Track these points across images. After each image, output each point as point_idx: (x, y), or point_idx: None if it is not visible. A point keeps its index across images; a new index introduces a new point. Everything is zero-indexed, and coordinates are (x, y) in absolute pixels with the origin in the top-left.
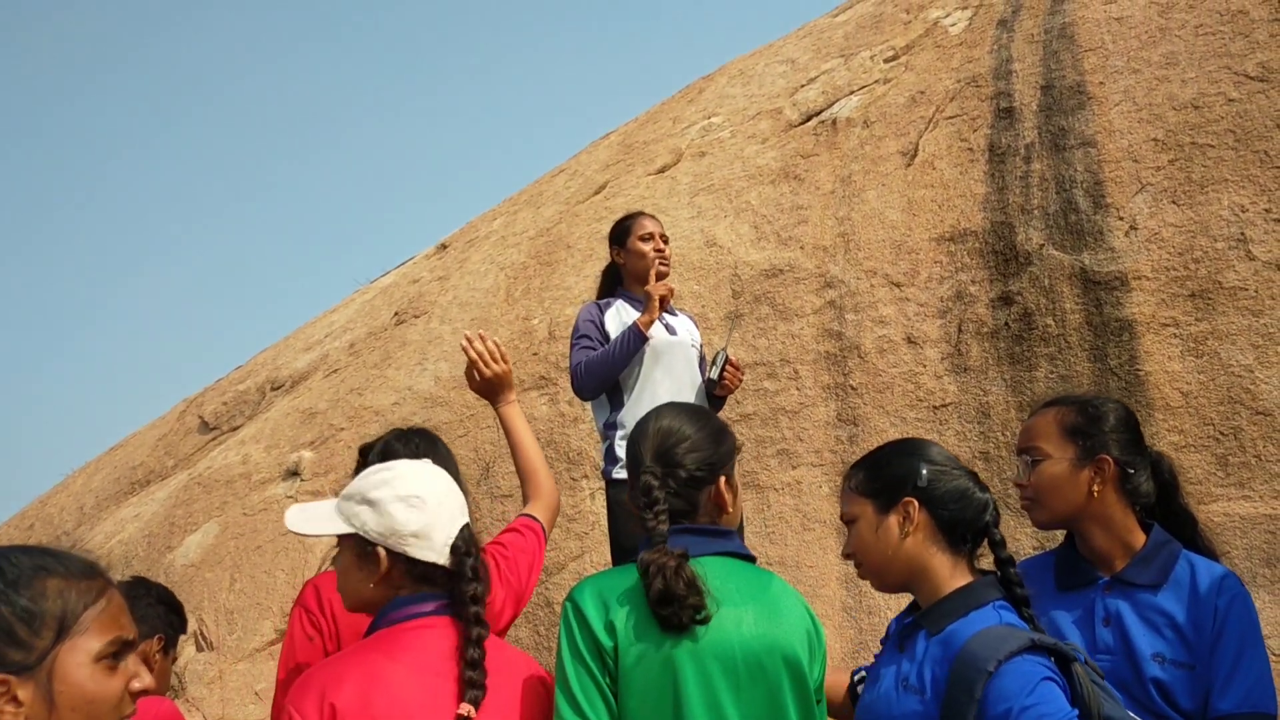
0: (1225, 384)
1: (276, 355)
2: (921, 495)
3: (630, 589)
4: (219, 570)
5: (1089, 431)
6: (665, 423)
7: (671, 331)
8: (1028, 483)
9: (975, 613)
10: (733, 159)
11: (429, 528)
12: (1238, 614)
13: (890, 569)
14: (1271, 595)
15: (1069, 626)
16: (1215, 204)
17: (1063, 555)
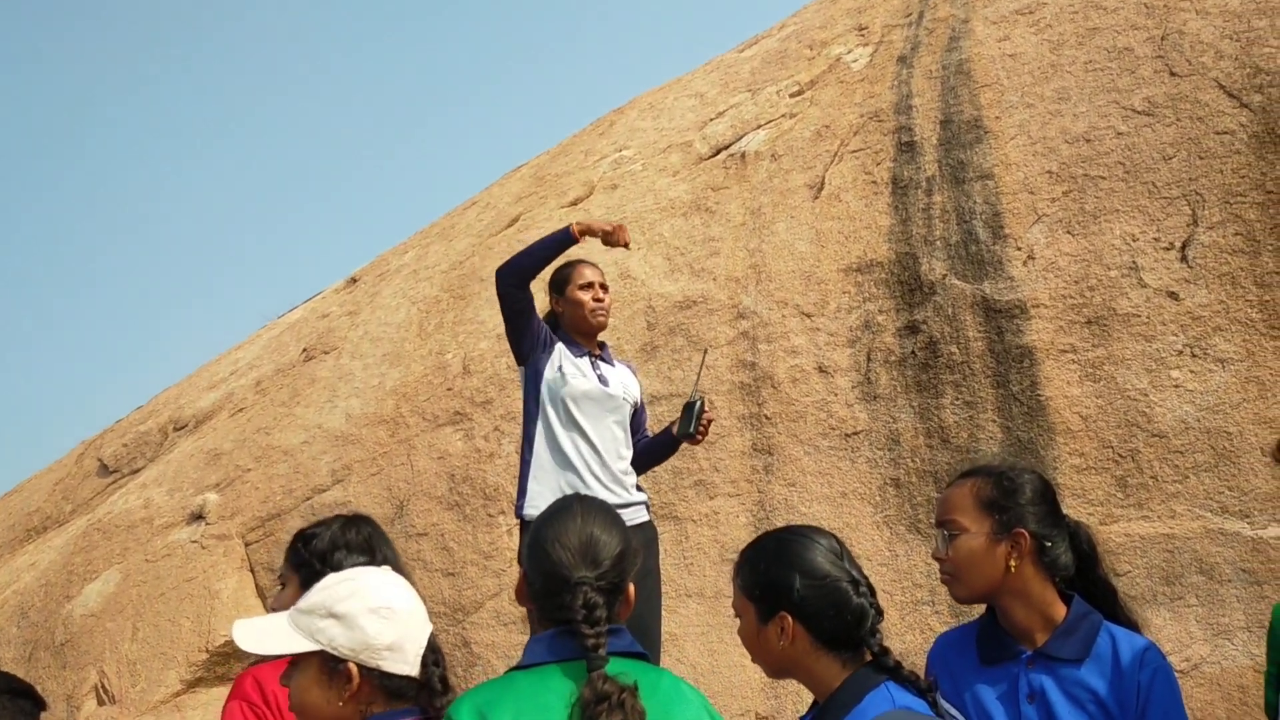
0: (1122, 408)
1: (179, 394)
2: (795, 611)
3: (512, 698)
4: (120, 619)
5: (1005, 505)
6: (591, 529)
7: (604, 382)
8: (945, 557)
9: (867, 698)
10: (645, 192)
11: (402, 639)
12: (1160, 688)
13: (776, 669)
14: (1171, 612)
15: (993, 703)
16: (1108, 233)
17: (985, 628)
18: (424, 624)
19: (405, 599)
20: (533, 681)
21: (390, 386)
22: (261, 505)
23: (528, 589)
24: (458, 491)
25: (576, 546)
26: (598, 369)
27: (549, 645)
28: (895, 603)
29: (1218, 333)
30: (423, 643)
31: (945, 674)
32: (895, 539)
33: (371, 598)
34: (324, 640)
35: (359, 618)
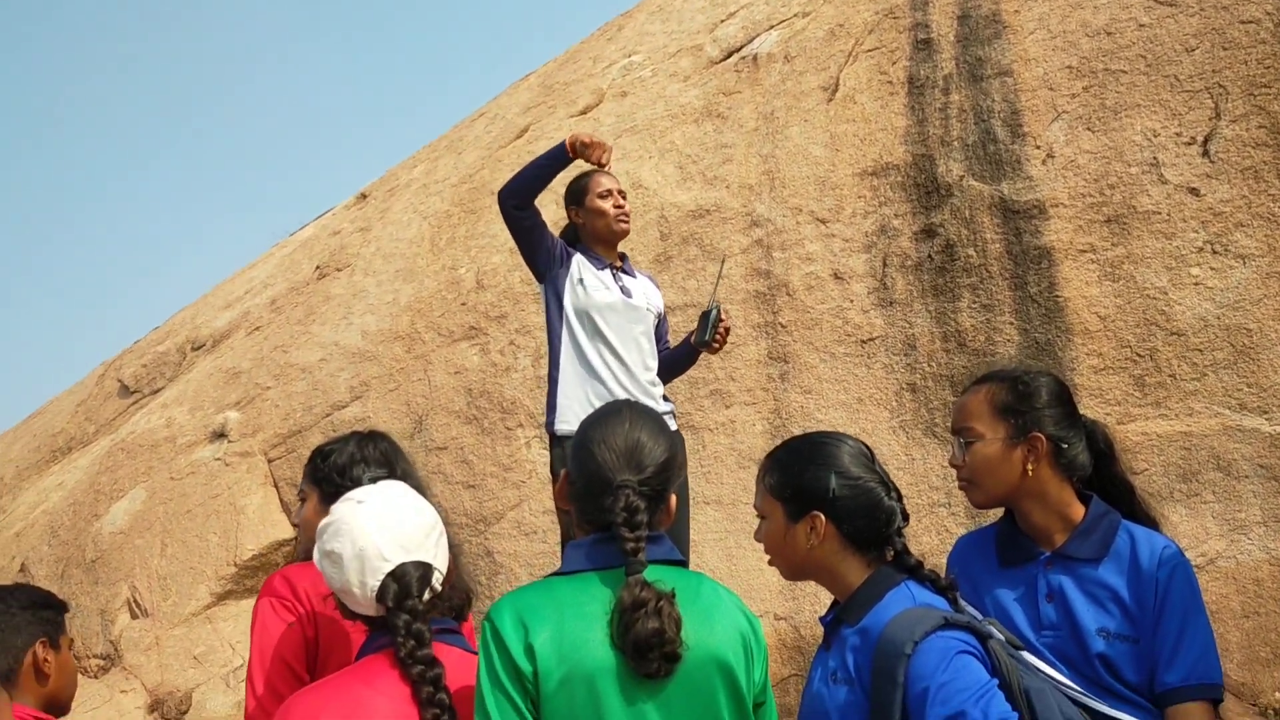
0: (1141, 307)
1: (195, 314)
2: (829, 510)
3: (553, 606)
4: (149, 536)
5: (1020, 409)
6: (639, 435)
7: (627, 294)
8: (962, 464)
9: (889, 595)
10: (655, 98)
11: (348, 584)
12: (1179, 585)
13: (798, 570)
14: (1188, 509)
15: (1012, 604)
16: (1129, 129)
17: (1003, 531)
18: (377, 565)
19: (355, 543)
20: (573, 588)
21: (405, 303)
22: (282, 422)
23: (569, 489)
24: (475, 406)
25: (622, 449)
26: (620, 280)
27: (588, 552)
28: (912, 506)
29: (1239, 228)
30: (372, 585)
31: (964, 577)
32: (912, 443)
33: (327, 541)
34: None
35: (321, 560)
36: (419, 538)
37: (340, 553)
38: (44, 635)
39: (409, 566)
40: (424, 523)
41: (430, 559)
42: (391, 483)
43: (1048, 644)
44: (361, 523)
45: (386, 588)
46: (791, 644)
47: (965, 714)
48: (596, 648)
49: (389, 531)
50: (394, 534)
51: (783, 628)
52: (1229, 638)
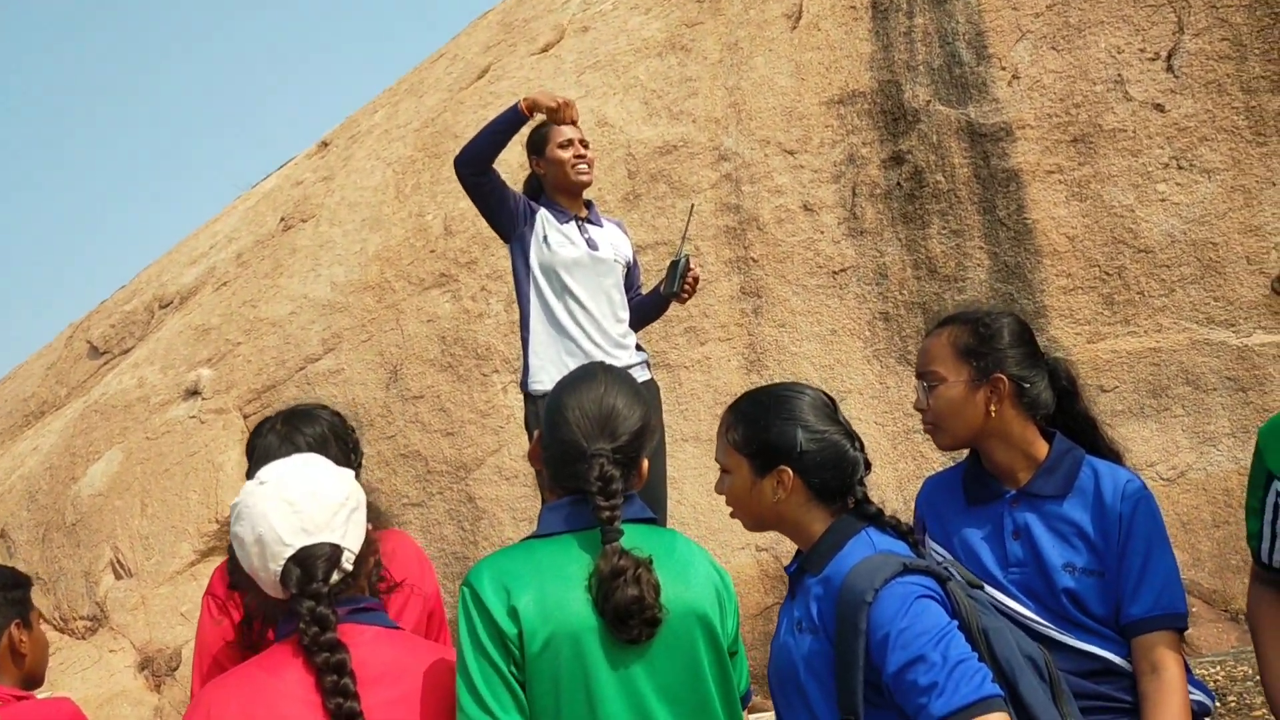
0: (1108, 225)
1: (161, 271)
2: (796, 464)
3: (532, 569)
4: (128, 497)
5: (982, 351)
6: (614, 401)
7: (593, 246)
8: (927, 408)
9: (850, 544)
10: (617, 32)
11: (253, 569)
12: (1143, 518)
13: (761, 522)
14: (1158, 424)
15: (979, 542)
16: (1093, 47)
17: (969, 471)
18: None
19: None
20: (552, 551)
21: (373, 252)
22: (256, 377)
23: (542, 453)
24: (450, 353)
25: (596, 416)
26: (585, 232)
27: (566, 516)
28: (887, 432)
29: (1204, 143)
30: (275, 570)
31: (933, 516)
32: (886, 371)
33: (234, 523)
34: None
35: (232, 542)
36: (324, 518)
37: (243, 537)
38: (17, 617)
39: (314, 549)
40: (331, 501)
41: (339, 539)
42: (303, 457)
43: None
44: (262, 505)
45: (289, 572)
46: (774, 574)
47: (925, 657)
48: (579, 608)
49: (290, 514)
50: (295, 516)
51: (765, 559)
52: (1201, 547)
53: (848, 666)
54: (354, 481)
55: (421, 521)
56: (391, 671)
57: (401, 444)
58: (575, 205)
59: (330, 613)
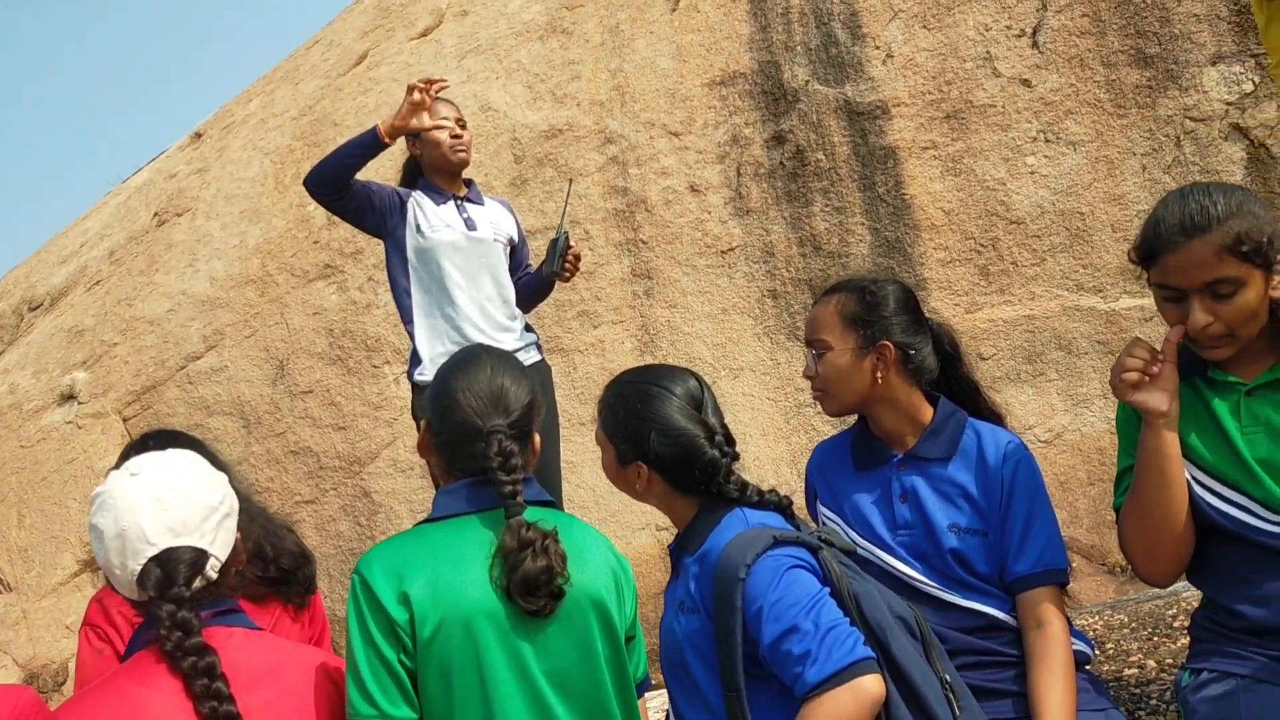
0: (982, 199)
1: (30, 272)
2: (651, 462)
3: (426, 553)
4: (3, 509)
5: (868, 319)
6: (501, 380)
7: (471, 226)
8: (815, 374)
9: (724, 520)
10: (497, 17)
11: (108, 564)
12: (1024, 479)
13: (640, 501)
14: (1035, 388)
15: (869, 506)
16: (962, 25)
17: (857, 436)
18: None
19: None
20: (446, 533)
21: (253, 245)
22: (134, 379)
23: (433, 440)
24: (338, 346)
25: (486, 395)
26: (464, 212)
27: (463, 498)
28: (780, 408)
29: (1069, 116)
30: (133, 569)
31: (823, 483)
32: (776, 348)
33: (93, 514)
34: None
35: (89, 532)
36: (194, 520)
37: (102, 529)
38: None
39: (179, 551)
40: (205, 503)
41: (206, 545)
42: (178, 453)
43: (903, 543)
44: (130, 498)
45: (148, 573)
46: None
47: (798, 627)
48: (473, 590)
49: (159, 511)
50: (164, 515)
51: (665, 538)
52: (1078, 505)
53: (727, 642)
54: (228, 486)
55: (315, 519)
56: (266, 672)
57: (291, 440)
58: (454, 185)
59: (193, 617)
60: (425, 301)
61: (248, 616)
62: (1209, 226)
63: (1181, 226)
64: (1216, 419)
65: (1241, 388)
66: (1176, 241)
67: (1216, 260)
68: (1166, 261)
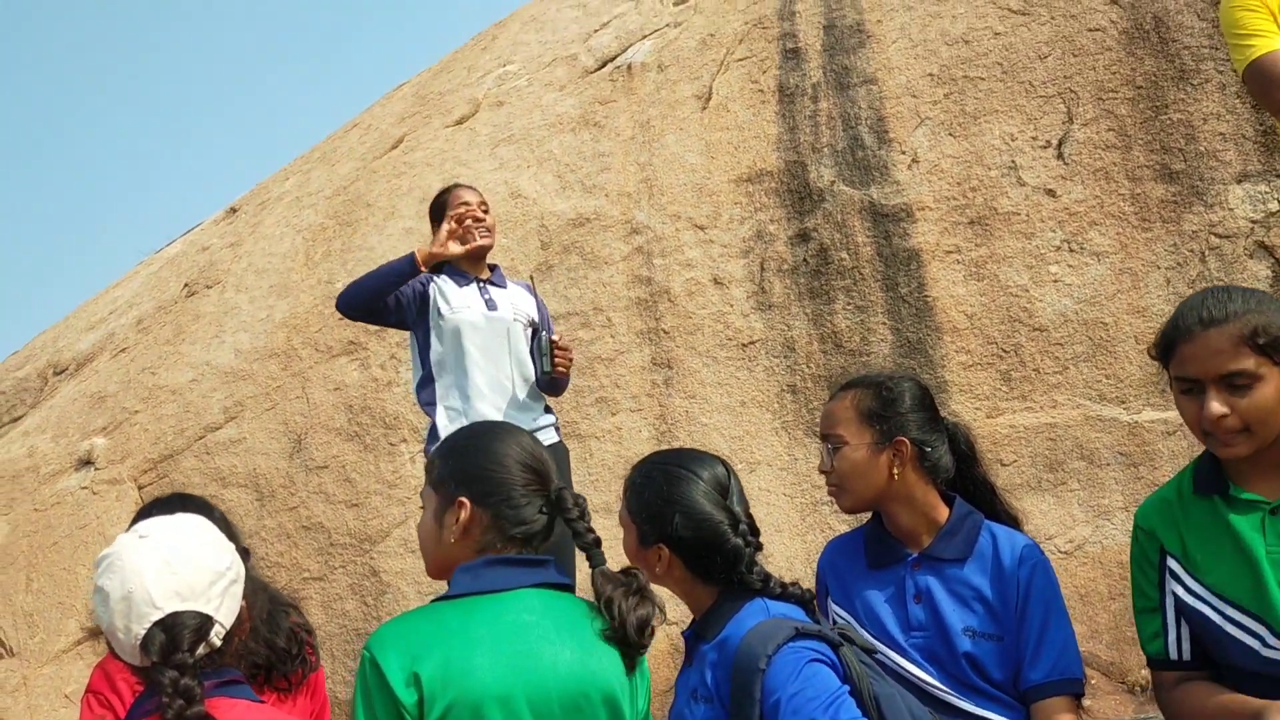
0: (1005, 304)
1: (57, 337)
2: (673, 546)
3: (438, 632)
4: (13, 572)
5: (885, 414)
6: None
7: (491, 306)
8: (831, 469)
9: (744, 609)
10: (531, 108)
11: (111, 627)
12: (1040, 584)
13: (659, 585)
14: (1055, 497)
15: (881, 605)
16: (988, 134)
17: (871, 533)
18: (145, 611)
19: (125, 584)
20: (459, 613)
21: (279, 319)
22: (153, 447)
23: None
24: (357, 422)
25: (539, 457)
26: (485, 293)
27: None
28: (796, 505)
29: (1093, 227)
30: (138, 632)
31: (835, 579)
32: (794, 443)
33: (98, 576)
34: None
35: (93, 595)
36: (201, 585)
37: (108, 591)
38: None
39: (184, 616)
40: (212, 568)
41: (211, 610)
42: (187, 517)
43: (917, 645)
44: (137, 561)
45: (152, 638)
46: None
47: None
48: (484, 674)
49: (167, 575)
50: (172, 578)
51: (674, 632)
52: (1098, 619)
53: None
54: (235, 554)
55: (322, 596)
56: None
57: (304, 515)
58: (477, 269)
59: (196, 685)
60: (445, 380)
61: (250, 688)
62: (1226, 318)
63: (1199, 318)
64: (1238, 539)
65: (1265, 506)
66: (1194, 331)
67: (1233, 350)
68: (1184, 351)
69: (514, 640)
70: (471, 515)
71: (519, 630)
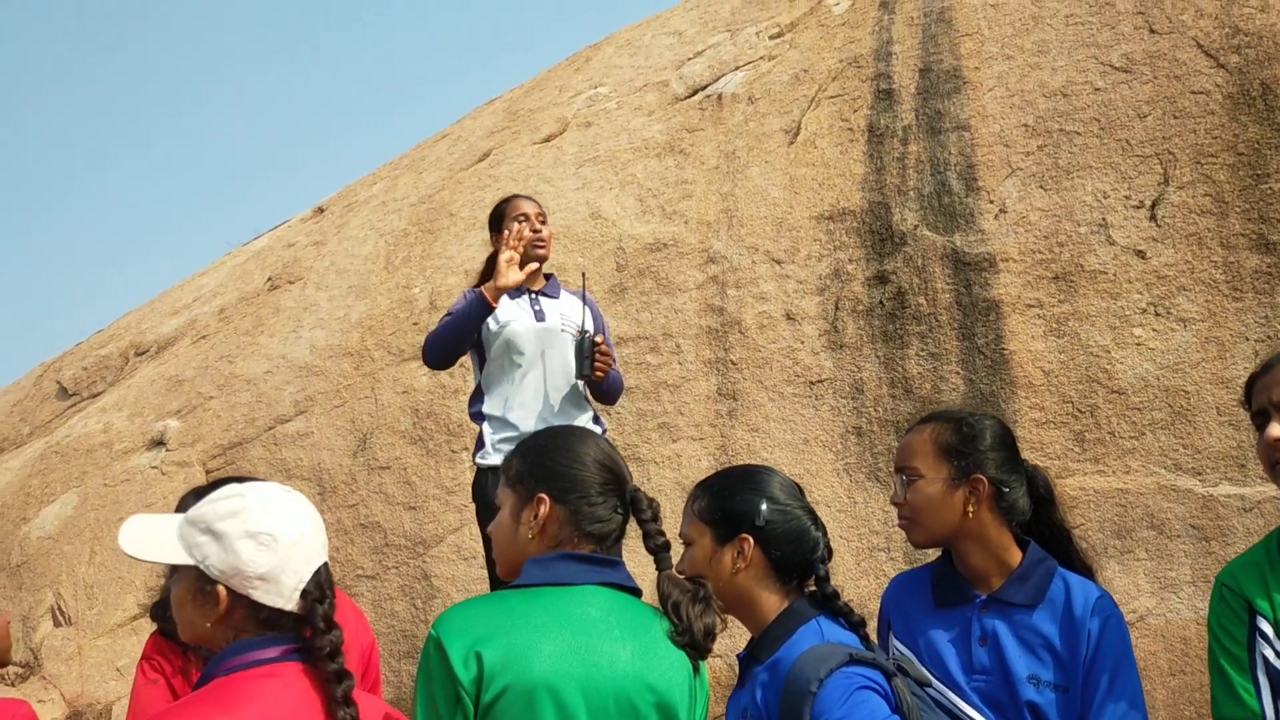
0: (1084, 363)
1: (141, 319)
2: (758, 534)
3: (504, 616)
4: (78, 543)
5: (964, 450)
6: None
7: (540, 318)
8: (904, 502)
9: (799, 632)
10: (619, 131)
11: (278, 570)
12: (1111, 636)
13: (719, 596)
14: (1121, 565)
15: (945, 645)
16: (1080, 189)
17: (940, 571)
18: (311, 557)
19: (293, 527)
20: (526, 600)
21: (355, 319)
22: (223, 433)
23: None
24: (421, 426)
25: (614, 458)
26: (537, 304)
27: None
28: (852, 549)
29: (1181, 292)
30: (305, 576)
31: (899, 616)
32: (855, 486)
33: (254, 521)
34: (198, 556)
35: (236, 540)
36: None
37: (276, 535)
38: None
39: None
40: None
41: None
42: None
43: (979, 688)
44: (296, 508)
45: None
46: (726, 683)
47: None
48: (542, 662)
49: (317, 528)
50: (319, 534)
51: (718, 665)
52: (1156, 695)
53: None
54: None
55: (373, 595)
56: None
57: (362, 513)
58: (530, 280)
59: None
60: (494, 392)
61: None
62: None
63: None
64: None
65: None
66: (1273, 367)
67: None
68: (1260, 383)
69: (576, 632)
70: (550, 512)
71: (582, 623)
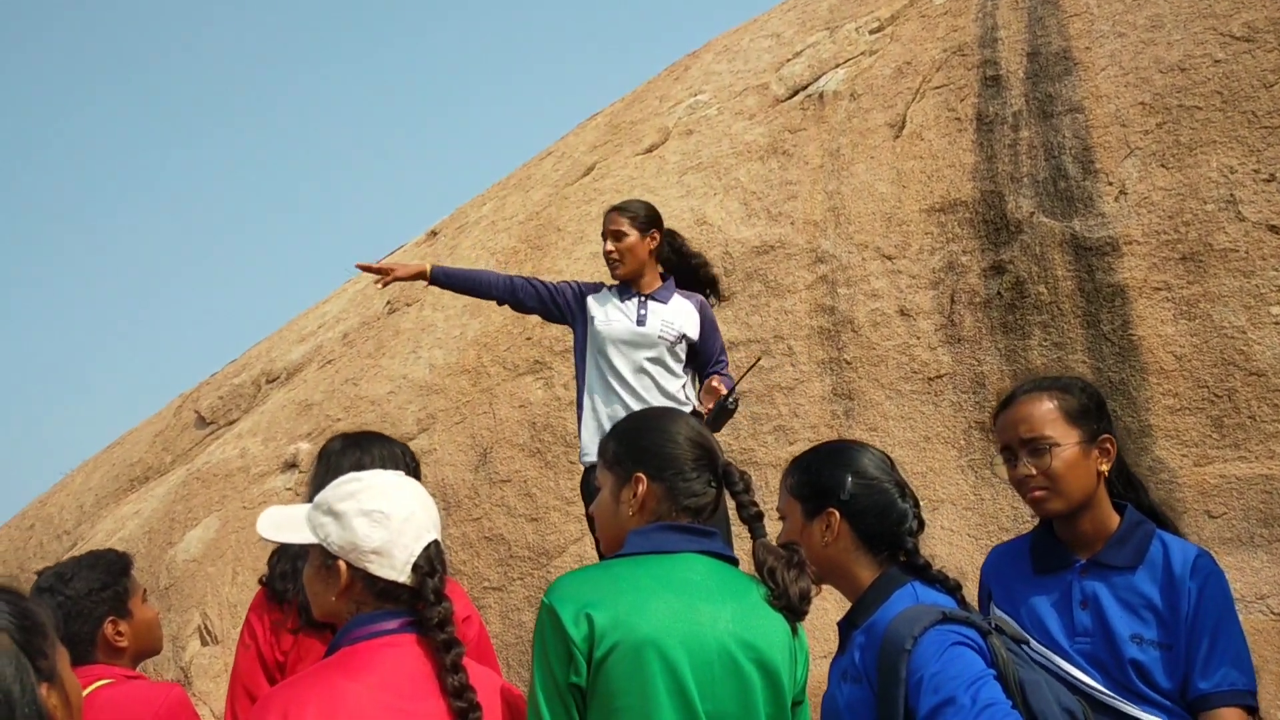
0: (1218, 346)
1: (270, 348)
2: (844, 507)
3: (610, 581)
4: (221, 564)
5: (1092, 412)
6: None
7: (640, 322)
8: (1043, 471)
9: (895, 595)
10: (720, 136)
11: (390, 545)
12: (1212, 593)
13: (814, 567)
14: (1270, 555)
15: (1047, 610)
16: (1204, 166)
17: (1039, 539)
18: (421, 533)
19: (404, 506)
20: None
21: (471, 337)
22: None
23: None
24: (539, 439)
25: (703, 438)
26: (643, 308)
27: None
28: (980, 546)
29: None
30: (415, 551)
31: (999, 585)
32: (981, 483)
33: (368, 500)
34: (321, 535)
35: (352, 518)
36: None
37: (388, 512)
38: (110, 613)
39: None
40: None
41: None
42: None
43: (1082, 650)
44: (409, 489)
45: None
46: None
47: (955, 699)
48: (647, 622)
49: (430, 505)
50: (431, 511)
51: None
52: None
53: (888, 713)
54: None
55: (500, 606)
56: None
57: (486, 527)
58: (639, 284)
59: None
60: (590, 390)
61: None
62: None
63: None
64: None
65: None
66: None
67: None
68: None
69: (679, 594)
70: (648, 489)
71: (684, 586)
